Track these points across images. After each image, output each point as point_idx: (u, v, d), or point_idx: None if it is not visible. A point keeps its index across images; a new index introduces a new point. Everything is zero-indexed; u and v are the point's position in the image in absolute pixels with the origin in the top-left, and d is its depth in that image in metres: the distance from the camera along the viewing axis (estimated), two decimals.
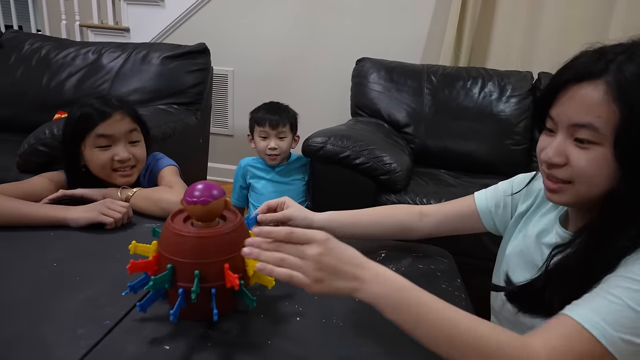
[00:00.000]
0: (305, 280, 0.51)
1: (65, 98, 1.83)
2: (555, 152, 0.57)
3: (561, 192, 0.59)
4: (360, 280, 0.52)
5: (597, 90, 0.52)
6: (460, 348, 0.50)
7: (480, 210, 0.82)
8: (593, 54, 0.55)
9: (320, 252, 0.51)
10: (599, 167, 0.54)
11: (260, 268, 0.52)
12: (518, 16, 2.10)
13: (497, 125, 1.86)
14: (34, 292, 0.66)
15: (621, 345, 0.48)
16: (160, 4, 2.53)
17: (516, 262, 0.73)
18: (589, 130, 0.53)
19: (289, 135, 1.63)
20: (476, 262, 1.19)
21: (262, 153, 1.61)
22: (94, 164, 1.00)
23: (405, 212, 0.86)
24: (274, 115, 1.59)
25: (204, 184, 0.61)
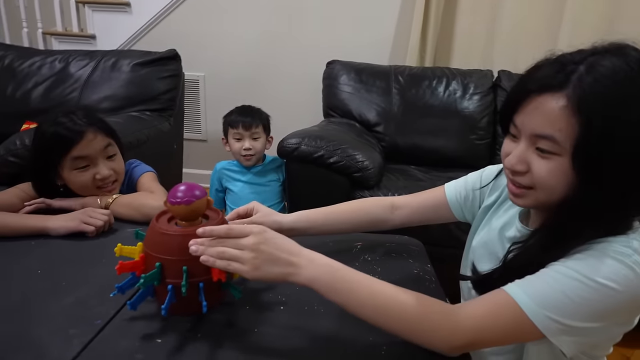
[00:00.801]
0: (242, 268, 0.56)
1: (33, 108, 1.80)
2: (517, 160, 0.59)
3: (523, 196, 0.62)
4: (296, 265, 0.57)
5: (558, 103, 0.53)
6: (386, 317, 0.56)
7: (450, 201, 0.86)
8: (554, 64, 0.56)
9: (256, 241, 0.57)
10: (557, 176, 0.56)
11: (204, 260, 0.57)
12: (478, 19, 2.22)
13: (461, 121, 1.95)
14: (22, 297, 0.67)
15: (548, 323, 0.52)
16: (127, 10, 2.51)
17: (481, 252, 0.77)
18: (549, 141, 0.55)
19: (263, 136, 1.69)
20: (445, 250, 1.26)
21: (237, 154, 1.68)
22: (75, 185, 0.99)
23: (377, 205, 0.89)
24: (246, 117, 1.67)
25: (186, 185, 0.64)
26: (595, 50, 0.55)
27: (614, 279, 0.52)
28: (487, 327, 0.55)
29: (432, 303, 0.57)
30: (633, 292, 0.52)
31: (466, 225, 0.91)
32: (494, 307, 0.56)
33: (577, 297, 0.52)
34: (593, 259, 0.53)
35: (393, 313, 0.56)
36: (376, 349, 0.60)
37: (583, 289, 0.52)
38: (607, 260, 0.53)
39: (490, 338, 0.56)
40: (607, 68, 0.52)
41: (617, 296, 0.52)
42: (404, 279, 0.78)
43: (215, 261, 0.57)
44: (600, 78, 0.52)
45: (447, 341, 0.55)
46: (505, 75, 2.03)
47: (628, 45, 0.54)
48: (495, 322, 0.55)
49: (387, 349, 0.60)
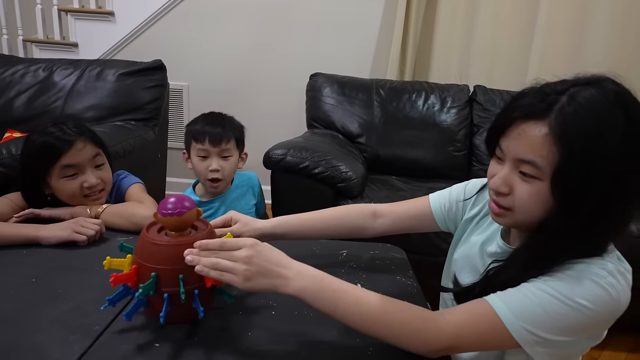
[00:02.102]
0: (235, 279, 0.59)
1: (15, 116, 1.78)
2: (502, 182, 0.62)
3: (503, 216, 0.65)
4: (285, 277, 0.60)
5: (541, 131, 0.57)
6: (371, 323, 0.60)
7: (435, 212, 0.87)
8: (538, 93, 0.59)
9: (248, 254, 0.60)
10: (537, 199, 0.59)
11: (199, 270, 0.60)
12: (455, 35, 2.32)
13: (440, 133, 2.04)
14: (18, 305, 0.69)
15: (525, 334, 0.56)
16: (111, 19, 2.51)
17: (462, 265, 0.80)
18: (531, 166, 0.58)
19: (235, 153, 1.32)
20: (425, 257, 1.32)
21: (202, 176, 1.32)
22: (63, 194, 1.00)
23: (358, 212, 0.90)
24: (215, 128, 1.28)
25: (175, 197, 0.66)
26: (577, 81, 0.58)
27: (589, 299, 0.56)
28: (466, 333, 0.60)
29: (414, 309, 0.62)
30: (605, 311, 0.57)
31: (446, 235, 0.94)
32: (474, 314, 0.60)
33: (554, 313, 0.56)
34: (571, 279, 0.57)
35: (378, 319, 0.60)
36: (363, 350, 0.64)
37: (560, 306, 0.56)
38: (585, 281, 0.57)
39: (468, 343, 0.61)
40: (587, 100, 0.56)
41: (591, 314, 0.56)
42: (388, 285, 0.82)
43: (209, 271, 0.60)
44: (580, 109, 0.55)
45: (428, 345, 0.60)
46: (481, 90, 2.13)
47: (607, 78, 0.58)
48: (474, 329, 0.59)
49: (373, 350, 0.64)
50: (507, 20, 2.26)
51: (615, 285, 0.57)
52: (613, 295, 0.56)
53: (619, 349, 1.57)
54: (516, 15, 2.25)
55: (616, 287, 0.57)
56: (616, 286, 0.57)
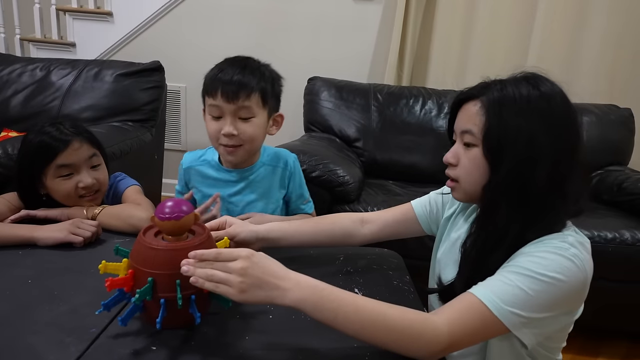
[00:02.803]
0: (230, 291, 0.59)
1: (12, 115, 1.78)
2: (451, 155, 0.74)
3: (455, 189, 0.76)
4: (282, 289, 0.60)
5: (475, 105, 0.71)
6: (372, 330, 0.61)
7: (418, 215, 0.94)
8: (483, 83, 0.73)
9: (243, 266, 0.59)
10: (475, 164, 0.70)
11: (193, 281, 0.59)
12: (452, 42, 2.34)
13: (436, 139, 2.05)
14: (13, 307, 0.68)
15: (511, 317, 0.60)
16: (109, 19, 2.51)
17: (446, 262, 0.84)
18: (469, 134, 0.71)
19: (260, 113, 0.98)
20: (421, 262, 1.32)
21: (214, 140, 1.00)
22: (58, 194, 1.00)
23: (347, 218, 0.95)
24: (232, 76, 0.94)
25: (173, 201, 0.66)
26: (512, 76, 0.71)
27: (559, 271, 0.61)
28: (460, 329, 0.61)
29: (411, 313, 0.63)
30: (576, 281, 0.62)
31: None
32: (464, 309, 0.62)
33: (532, 291, 0.61)
34: (538, 257, 0.63)
35: (378, 326, 0.61)
36: (361, 355, 0.64)
37: (536, 283, 0.61)
38: (551, 256, 0.62)
39: (464, 339, 0.62)
40: (514, 86, 0.68)
41: (564, 286, 0.61)
42: (385, 290, 0.83)
43: (204, 283, 0.59)
44: (505, 91, 0.68)
45: (428, 348, 0.61)
46: None
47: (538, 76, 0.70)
48: (465, 323, 0.61)
49: (371, 355, 0.64)
50: (504, 28, 2.29)
51: (578, 255, 0.63)
52: (578, 265, 0.62)
53: (613, 355, 1.58)
54: (514, 22, 2.28)
55: (579, 256, 0.63)
56: (579, 256, 0.63)
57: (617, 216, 1.63)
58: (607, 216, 1.62)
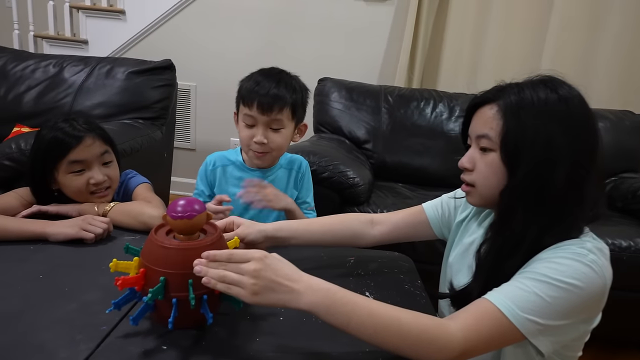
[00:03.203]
0: (242, 293, 0.58)
1: (24, 111, 1.79)
2: (467, 159, 0.73)
3: (470, 194, 0.74)
4: (295, 292, 0.58)
5: (492, 109, 0.69)
6: (386, 335, 0.59)
7: (430, 218, 0.93)
8: (498, 87, 0.72)
9: (256, 267, 0.58)
10: (492, 169, 0.69)
11: (205, 282, 0.59)
12: (464, 44, 2.32)
13: (447, 142, 2.03)
14: (25, 302, 0.68)
15: (528, 325, 0.59)
16: (122, 17, 2.52)
17: (458, 268, 0.83)
18: (486, 139, 0.69)
19: (289, 125, 1.07)
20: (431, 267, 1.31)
21: (245, 145, 1.10)
22: (70, 189, 1.00)
23: (356, 219, 0.94)
24: (268, 91, 1.03)
25: (185, 200, 0.65)
26: (528, 80, 0.70)
27: (577, 278, 0.60)
28: (475, 336, 0.60)
29: (426, 318, 0.61)
30: (594, 287, 0.61)
31: None
32: (479, 315, 0.61)
33: (549, 297, 0.59)
34: (556, 263, 0.61)
35: (392, 331, 0.59)
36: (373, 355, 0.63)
37: (553, 290, 0.60)
38: (568, 262, 0.61)
39: (478, 346, 0.60)
40: (531, 89, 0.67)
41: (582, 293, 0.60)
42: (396, 294, 0.81)
43: (216, 284, 0.59)
44: (522, 94, 0.67)
45: (442, 354, 0.59)
46: None
47: (555, 80, 0.69)
48: (480, 329, 0.60)
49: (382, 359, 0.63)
50: (517, 30, 2.26)
51: (597, 261, 0.61)
52: (597, 271, 0.61)
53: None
54: (527, 25, 2.25)
55: (598, 263, 0.61)
56: (598, 262, 0.61)
57: (632, 224, 1.60)
58: (622, 224, 1.59)
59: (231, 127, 2.91)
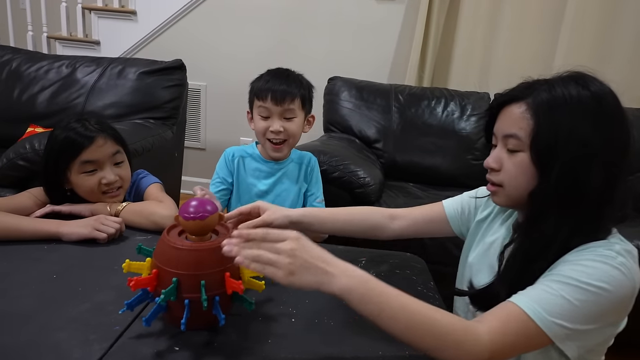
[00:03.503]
0: (277, 273, 0.56)
1: (38, 111, 1.81)
2: (493, 159, 0.71)
3: (496, 194, 0.73)
4: (330, 274, 0.57)
5: (520, 108, 0.67)
6: (418, 331, 0.58)
7: (449, 215, 0.92)
8: (525, 84, 0.70)
9: (293, 247, 0.57)
10: (521, 169, 0.67)
11: (239, 261, 0.57)
12: (476, 42, 2.29)
13: (458, 141, 2.01)
14: (39, 302, 0.69)
15: (556, 329, 0.58)
16: (133, 18, 2.54)
17: (478, 267, 0.82)
18: (514, 139, 0.67)
19: (300, 114, 1.19)
20: (444, 268, 1.29)
21: (262, 136, 1.19)
22: (82, 189, 1.01)
23: (379, 213, 0.95)
24: (279, 85, 1.16)
25: (197, 201, 0.65)
26: (557, 76, 0.68)
27: (605, 281, 0.59)
28: (501, 339, 0.58)
29: (454, 318, 0.61)
30: (623, 291, 0.59)
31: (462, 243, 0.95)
32: (506, 318, 0.60)
33: (577, 301, 0.58)
34: (583, 266, 0.60)
35: (423, 328, 0.58)
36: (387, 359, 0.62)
37: (581, 293, 0.58)
38: (596, 265, 0.60)
39: (505, 350, 0.59)
40: (562, 86, 0.65)
41: (610, 296, 0.59)
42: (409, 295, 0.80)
43: (250, 263, 0.57)
44: (554, 92, 0.65)
45: (469, 356, 0.58)
46: None
47: (586, 76, 0.67)
48: (508, 334, 0.59)
49: None
50: (530, 28, 2.23)
51: (626, 264, 0.60)
52: (626, 274, 0.59)
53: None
54: (540, 23, 2.22)
55: (627, 265, 0.60)
56: (627, 265, 0.60)
57: None
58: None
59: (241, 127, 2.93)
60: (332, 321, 0.71)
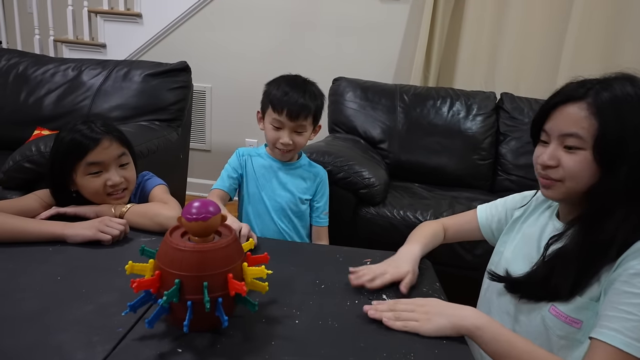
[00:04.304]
0: (417, 325, 0.67)
1: (44, 114, 1.83)
2: (549, 157, 0.74)
3: (554, 188, 0.75)
4: (461, 316, 0.67)
5: (581, 108, 0.70)
6: None
7: (481, 223, 0.99)
8: (576, 84, 0.73)
9: (422, 302, 0.71)
10: (583, 167, 0.70)
11: (385, 322, 0.69)
12: (482, 41, 2.28)
13: (464, 141, 1.99)
14: (42, 304, 0.69)
15: None
16: (138, 21, 2.56)
17: (515, 257, 0.86)
18: (575, 138, 0.70)
19: (310, 128, 1.23)
20: (450, 269, 1.29)
21: (271, 143, 1.24)
22: (87, 191, 1.01)
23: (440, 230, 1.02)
24: (296, 100, 1.16)
25: (200, 202, 0.64)
26: (608, 76, 0.72)
27: None
28: None
29: None
30: None
31: (470, 246, 0.97)
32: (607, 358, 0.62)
33: None
34: None
35: None
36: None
37: None
38: None
39: None
40: (619, 85, 0.69)
41: None
42: (415, 296, 0.79)
43: (393, 324, 0.68)
44: (614, 92, 0.68)
45: None
46: (508, 98, 2.08)
47: (635, 77, 0.70)
48: None
49: None
50: (536, 27, 2.21)
51: None
52: None
53: None
54: (546, 21, 2.20)
55: None
56: None
57: None
58: None
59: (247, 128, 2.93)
60: (336, 323, 0.70)
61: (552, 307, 0.72)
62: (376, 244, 1.04)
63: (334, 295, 0.78)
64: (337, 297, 0.77)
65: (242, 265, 0.66)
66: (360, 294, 0.79)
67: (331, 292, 0.79)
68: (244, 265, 0.66)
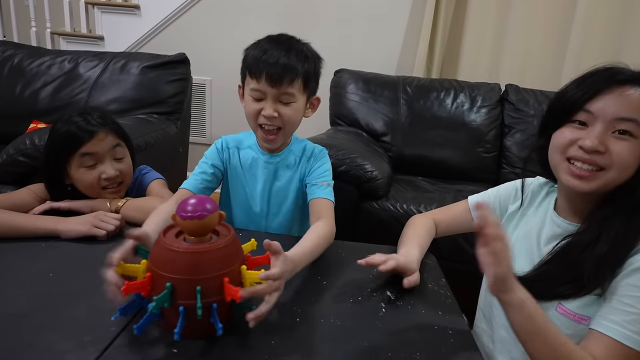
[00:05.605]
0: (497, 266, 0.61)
1: (41, 107, 1.80)
2: (599, 141, 0.66)
3: (592, 178, 0.67)
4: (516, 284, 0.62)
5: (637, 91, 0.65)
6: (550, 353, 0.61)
7: (474, 215, 0.92)
8: (625, 69, 0.68)
9: None
10: (634, 156, 0.65)
11: None
12: (486, 32, 2.24)
13: (468, 134, 1.96)
14: (34, 302, 0.66)
15: None
16: (137, 12, 2.52)
17: (516, 255, 0.81)
18: (632, 123, 0.64)
19: (301, 98, 0.94)
20: (455, 264, 1.26)
21: (253, 121, 0.95)
22: (82, 184, 0.99)
23: (432, 226, 0.97)
24: (278, 60, 0.89)
25: (196, 199, 0.59)
26: None
27: None
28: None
29: (579, 348, 0.62)
30: None
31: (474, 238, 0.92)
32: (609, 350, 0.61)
33: None
34: None
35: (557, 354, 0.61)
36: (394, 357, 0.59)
37: None
38: None
39: None
40: None
41: None
42: (420, 293, 0.77)
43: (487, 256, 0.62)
44: None
45: None
46: (513, 89, 2.04)
47: None
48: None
49: None
50: (542, 17, 2.16)
51: None
52: None
53: None
54: (552, 11, 2.15)
55: None
56: None
57: None
58: None
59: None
60: (338, 321, 0.67)
61: (560, 306, 0.69)
62: (379, 238, 1.00)
63: (336, 292, 0.75)
64: (339, 294, 0.75)
65: (241, 268, 0.61)
66: (363, 291, 0.76)
67: (333, 288, 0.77)
68: (242, 268, 0.61)
